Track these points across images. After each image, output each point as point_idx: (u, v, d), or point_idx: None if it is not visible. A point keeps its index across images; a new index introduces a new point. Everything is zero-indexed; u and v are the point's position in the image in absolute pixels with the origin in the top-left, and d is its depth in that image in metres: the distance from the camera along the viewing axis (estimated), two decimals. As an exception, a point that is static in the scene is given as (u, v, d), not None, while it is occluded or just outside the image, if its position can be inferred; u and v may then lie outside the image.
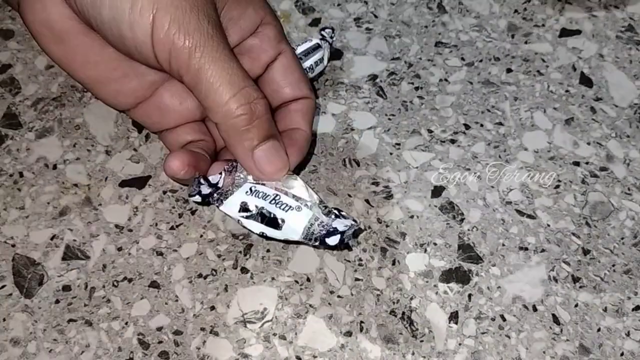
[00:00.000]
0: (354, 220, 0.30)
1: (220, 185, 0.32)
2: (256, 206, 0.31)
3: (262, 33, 0.33)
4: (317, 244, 0.30)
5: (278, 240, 0.33)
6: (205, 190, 0.31)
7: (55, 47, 0.32)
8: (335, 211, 0.30)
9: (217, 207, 0.31)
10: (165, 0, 0.28)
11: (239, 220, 0.31)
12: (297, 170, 0.37)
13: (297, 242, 0.34)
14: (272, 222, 0.30)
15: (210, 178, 0.32)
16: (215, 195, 0.31)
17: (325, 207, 0.31)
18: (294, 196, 0.31)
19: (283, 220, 0.30)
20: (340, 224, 0.30)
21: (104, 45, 0.31)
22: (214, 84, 0.28)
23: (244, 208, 0.31)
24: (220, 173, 0.32)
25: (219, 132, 0.31)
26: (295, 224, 0.30)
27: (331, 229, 0.30)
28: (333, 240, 0.29)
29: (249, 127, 0.30)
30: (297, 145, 0.33)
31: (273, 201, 0.31)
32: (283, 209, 0.30)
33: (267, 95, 0.34)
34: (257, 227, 0.30)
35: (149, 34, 0.28)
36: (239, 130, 0.30)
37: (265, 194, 0.31)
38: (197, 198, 0.31)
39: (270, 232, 0.30)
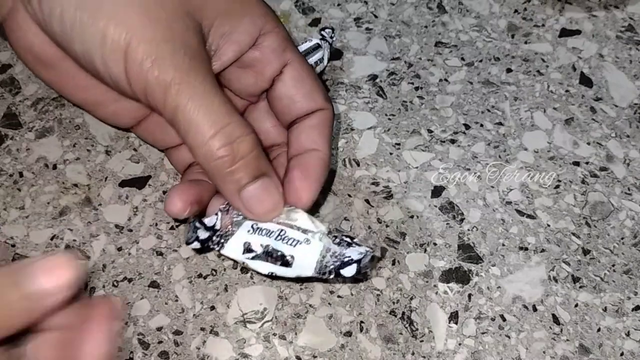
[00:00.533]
0: (369, 247, 0.28)
1: (218, 227, 0.29)
2: (261, 245, 0.28)
3: (263, 44, 0.30)
4: (332, 276, 0.27)
5: (289, 279, 0.32)
6: (203, 234, 0.29)
7: (44, 72, 0.31)
8: (348, 239, 0.28)
9: (218, 251, 0.29)
10: (136, 32, 0.26)
11: (243, 263, 0.28)
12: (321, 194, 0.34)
13: (311, 279, 0.32)
14: (281, 260, 0.28)
15: (206, 221, 0.30)
16: (214, 238, 0.29)
17: (336, 236, 0.28)
18: (299, 228, 0.28)
19: (292, 257, 0.28)
20: (354, 252, 0.27)
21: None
22: (193, 123, 0.26)
23: (247, 249, 0.28)
24: (217, 214, 0.30)
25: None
26: (306, 259, 0.28)
27: (345, 259, 0.27)
28: (349, 271, 0.27)
29: (232, 168, 0.27)
30: (311, 176, 0.30)
31: (279, 237, 0.28)
32: (291, 244, 0.28)
33: (279, 112, 0.32)
34: (265, 267, 0.28)
35: (122, 70, 0.26)
36: (222, 172, 0.28)
37: (269, 230, 0.29)
38: (196, 245, 0.29)
39: (280, 271, 0.28)
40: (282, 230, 0.28)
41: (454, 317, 0.33)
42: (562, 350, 0.32)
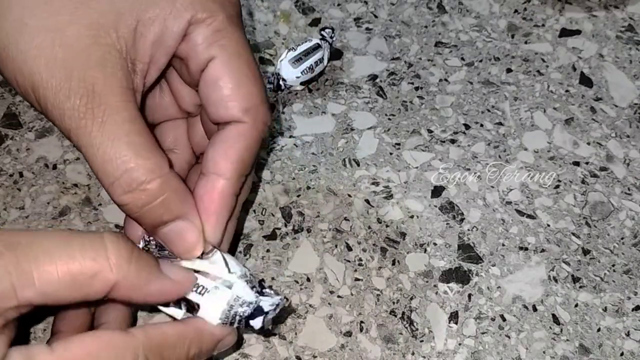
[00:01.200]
0: (283, 298, 0.27)
1: None
2: None
3: (190, 36, 0.26)
4: (242, 326, 0.26)
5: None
6: None
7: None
8: (260, 287, 0.27)
9: None
10: (38, 77, 0.24)
11: (160, 310, 0.27)
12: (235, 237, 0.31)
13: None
14: (190, 308, 0.26)
15: None
16: None
17: (250, 281, 0.27)
18: (209, 275, 0.26)
19: (198, 305, 0.26)
20: (265, 303, 0.26)
21: None
22: (94, 168, 0.25)
23: None
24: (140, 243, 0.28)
25: None
26: (211, 309, 0.26)
27: (256, 309, 0.26)
28: (257, 323, 0.26)
29: (139, 214, 0.25)
30: (210, 210, 0.27)
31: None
32: (199, 292, 0.26)
33: (202, 118, 0.29)
34: (179, 313, 0.27)
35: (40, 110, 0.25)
36: (131, 217, 0.26)
37: None
38: None
39: (187, 317, 0.27)
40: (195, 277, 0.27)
41: (454, 317, 0.33)
42: (562, 350, 0.32)
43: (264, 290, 0.27)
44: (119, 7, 0.25)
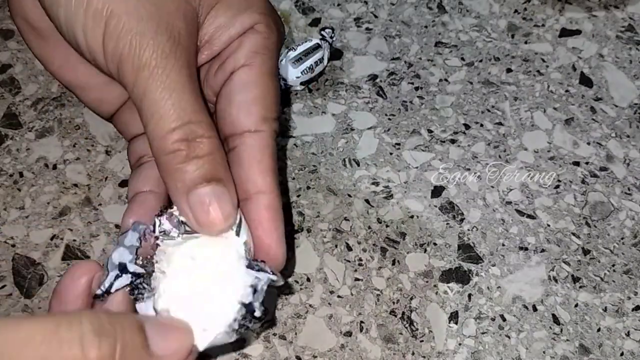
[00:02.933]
0: (272, 274, 0.25)
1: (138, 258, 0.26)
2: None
3: (242, 40, 0.28)
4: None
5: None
6: (121, 280, 0.25)
7: (36, 44, 0.30)
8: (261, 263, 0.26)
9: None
10: (121, 3, 0.24)
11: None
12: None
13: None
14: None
15: (125, 241, 0.26)
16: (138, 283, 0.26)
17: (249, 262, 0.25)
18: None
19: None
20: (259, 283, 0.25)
21: None
22: (157, 113, 0.24)
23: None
24: (136, 229, 0.26)
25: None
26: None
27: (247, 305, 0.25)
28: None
29: (183, 165, 0.25)
30: (275, 230, 0.27)
31: None
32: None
33: (219, 123, 0.29)
34: None
35: (100, 41, 0.25)
36: (173, 166, 0.25)
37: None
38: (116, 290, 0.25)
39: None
40: None
41: (454, 317, 0.33)
42: (562, 350, 0.32)
43: (256, 265, 0.25)
44: None
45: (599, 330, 0.33)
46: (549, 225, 0.36)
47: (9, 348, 0.19)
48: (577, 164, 0.39)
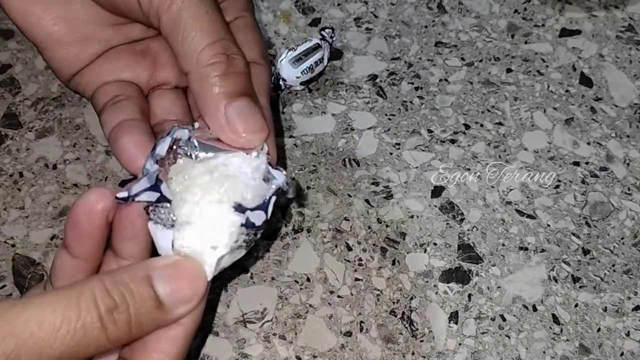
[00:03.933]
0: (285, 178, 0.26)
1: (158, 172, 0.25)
2: None
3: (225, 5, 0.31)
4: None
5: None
6: (147, 194, 0.25)
7: None
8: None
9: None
10: None
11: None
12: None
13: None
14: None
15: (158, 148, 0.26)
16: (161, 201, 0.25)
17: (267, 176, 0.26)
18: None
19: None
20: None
21: (70, 2, 0.30)
22: (192, 30, 0.26)
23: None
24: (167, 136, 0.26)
25: (190, 87, 0.28)
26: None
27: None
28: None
29: (222, 76, 0.26)
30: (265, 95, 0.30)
31: None
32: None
33: None
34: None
35: None
36: (211, 78, 0.26)
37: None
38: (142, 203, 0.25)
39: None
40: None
41: (454, 317, 0.33)
42: (562, 350, 0.32)
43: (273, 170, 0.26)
44: None
45: (599, 330, 0.33)
46: (549, 225, 0.36)
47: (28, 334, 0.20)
48: (577, 164, 0.39)
